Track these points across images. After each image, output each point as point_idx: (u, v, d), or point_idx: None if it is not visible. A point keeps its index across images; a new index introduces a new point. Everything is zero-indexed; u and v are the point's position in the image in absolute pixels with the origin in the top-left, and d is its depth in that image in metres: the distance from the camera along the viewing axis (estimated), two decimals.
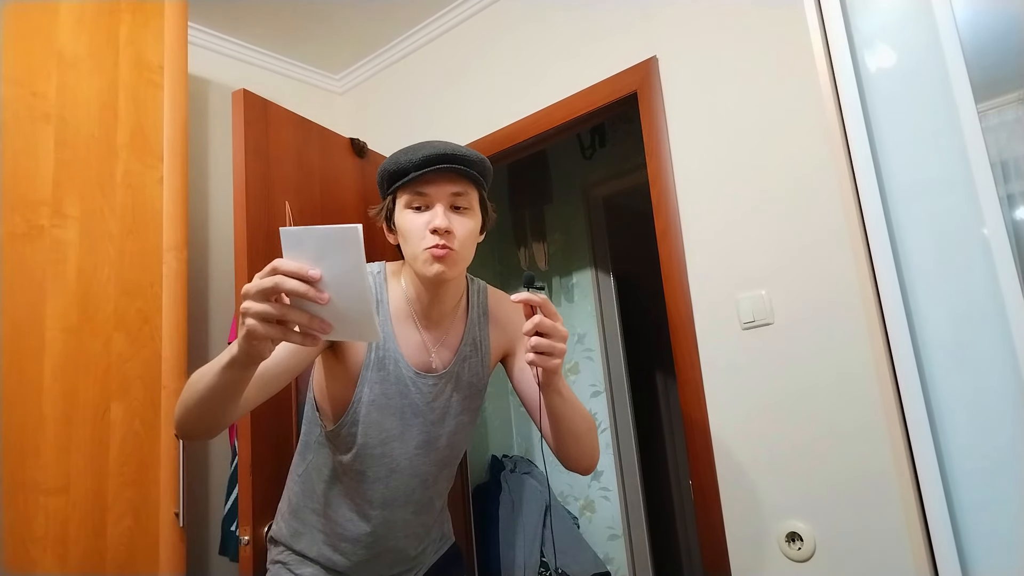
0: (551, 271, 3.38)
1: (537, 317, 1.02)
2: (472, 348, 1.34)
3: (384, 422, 1.26)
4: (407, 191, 1.19)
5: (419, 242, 1.17)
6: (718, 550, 1.71)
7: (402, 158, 1.19)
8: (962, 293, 1.24)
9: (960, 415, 1.23)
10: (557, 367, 1.07)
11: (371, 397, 1.24)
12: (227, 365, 0.92)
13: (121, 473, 1.73)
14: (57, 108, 1.76)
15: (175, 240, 1.92)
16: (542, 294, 1.04)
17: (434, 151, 1.16)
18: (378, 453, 1.27)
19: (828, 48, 1.41)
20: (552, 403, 1.16)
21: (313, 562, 1.35)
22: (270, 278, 0.82)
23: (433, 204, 1.17)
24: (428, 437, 1.30)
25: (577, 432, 1.21)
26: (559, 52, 2.22)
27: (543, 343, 1.02)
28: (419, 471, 1.31)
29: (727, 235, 1.78)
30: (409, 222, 1.19)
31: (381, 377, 1.25)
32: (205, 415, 1.01)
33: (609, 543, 3.02)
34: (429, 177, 1.17)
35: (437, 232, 1.15)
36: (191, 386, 1.01)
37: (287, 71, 2.82)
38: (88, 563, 1.64)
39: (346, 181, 2.32)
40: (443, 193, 1.17)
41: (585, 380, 3.20)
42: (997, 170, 1.24)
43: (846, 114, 1.37)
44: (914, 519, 1.25)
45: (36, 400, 1.61)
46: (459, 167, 1.17)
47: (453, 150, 1.17)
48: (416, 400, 1.28)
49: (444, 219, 1.15)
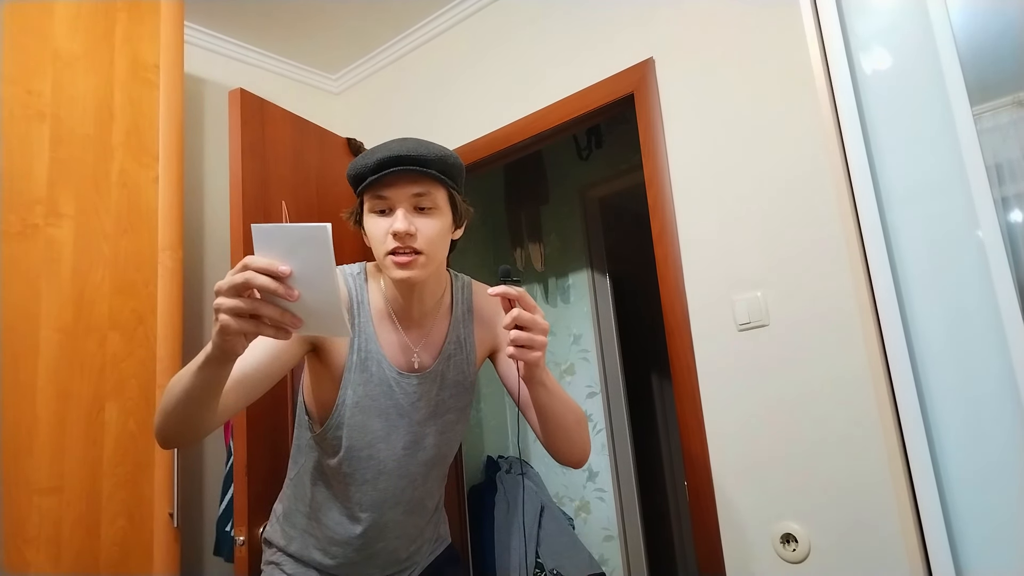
0: (547, 272, 3.38)
1: (516, 311, 1.02)
2: (456, 346, 1.33)
3: (369, 424, 1.25)
4: (368, 195, 1.18)
5: (381, 247, 1.16)
6: (713, 551, 1.71)
7: (360, 161, 1.17)
8: (957, 295, 1.25)
9: (955, 416, 1.23)
10: (539, 359, 1.06)
11: (355, 399, 1.24)
12: (203, 364, 0.92)
13: (115, 473, 1.72)
14: (52, 107, 1.75)
15: (170, 240, 1.92)
16: (519, 287, 1.04)
17: (388, 153, 1.13)
18: (364, 455, 1.26)
19: (824, 50, 1.42)
20: (538, 396, 1.15)
21: (306, 564, 1.35)
22: (241, 274, 0.83)
23: (395, 207, 1.15)
24: (414, 437, 1.30)
25: (565, 425, 1.20)
26: (556, 53, 2.22)
27: (522, 336, 1.02)
28: (407, 472, 1.30)
29: (723, 236, 1.79)
30: (373, 226, 1.17)
31: (364, 379, 1.24)
32: (184, 420, 1.00)
33: (604, 544, 3.02)
34: (388, 180, 1.14)
35: (397, 236, 1.13)
36: (169, 391, 1.00)
37: (284, 71, 2.82)
38: (82, 563, 1.63)
39: (343, 181, 2.32)
40: (403, 195, 1.15)
41: (581, 381, 3.20)
42: (992, 173, 1.24)
43: (842, 116, 1.37)
44: (908, 521, 1.25)
45: (30, 400, 1.61)
46: (415, 168, 1.14)
47: (409, 150, 1.14)
48: (401, 401, 1.27)
49: (404, 222, 1.13)
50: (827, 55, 1.41)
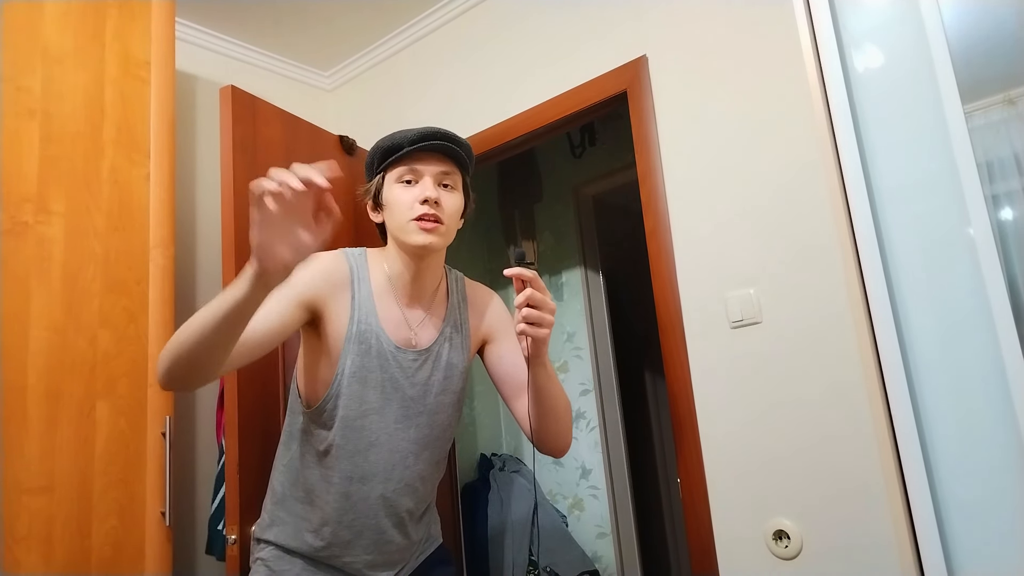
0: (541, 270, 3.38)
1: (528, 290, 1.10)
2: (454, 329, 1.40)
3: (365, 394, 1.29)
4: (400, 165, 1.29)
5: (408, 212, 1.26)
6: (706, 548, 1.71)
7: (397, 135, 1.30)
8: (948, 292, 1.25)
9: (947, 413, 1.24)
10: (546, 337, 1.15)
11: (352, 369, 1.28)
12: (234, 293, 0.94)
13: (106, 472, 1.71)
14: (42, 103, 1.74)
15: (162, 237, 1.91)
16: (533, 269, 1.12)
17: (428, 129, 1.29)
18: (357, 425, 1.30)
19: (817, 48, 1.42)
20: (538, 377, 1.24)
21: (294, 553, 1.36)
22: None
23: (422, 178, 1.28)
24: (407, 412, 1.33)
25: (557, 409, 1.29)
26: (549, 50, 2.22)
27: (533, 314, 1.11)
28: (398, 447, 1.33)
29: (716, 234, 1.79)
30: (398, 195, 1.28)
31: (362, 350, 1.29)
32: (199, 356, 1.02)
33: (597, 541, 3.03)
34: (420, 154, 1.28)
35: (428, 202, 1.24)
36: (187, 328, 1.02)
37: (276, 68, 2.81)
38: (73, 563, 1.62)
39: (335, 179, 2.31)
40: (433, 170, 1.28)
41: (574, 378, 3.20)
42: (983, 171, 1.25)
43: (834, 114, 1.38)
44: (900, 518, 1.26)
45: (20, 399, 1.59)
46: (451, 146, 1.29)
47: (445, 131, 1.30)
48: (396, 374, 1.31)
49: (434, 190, 1.26)
50: (819, 52, 1.41)
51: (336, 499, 1.32)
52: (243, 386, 1.81)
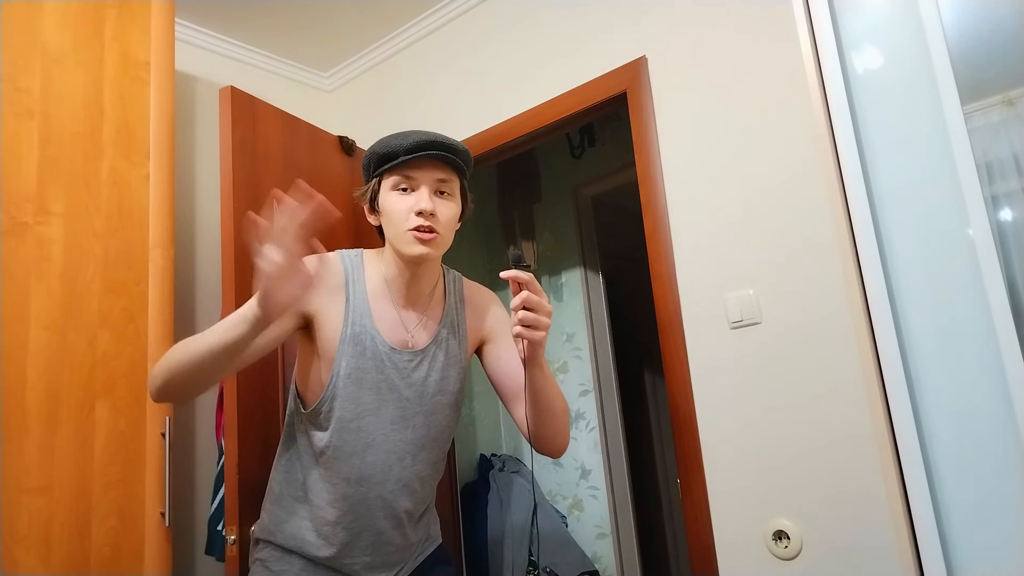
0: (540, 270, 3.38)
1: (524, 293, 1.11)
2: (451, 330, 1.40)
3: (360, 396, 1.29)
4: (395, 173, 1.27)
5: (403, 223, 1.24)
6: (705, 548, 1.71)
7: (392, 142, 1.27)
8: (947, 292, 1.26)
9: (947, 413, 1.24)
10: (542, 339, 1.15)
11: (347, 371, 1.28)
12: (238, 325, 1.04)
13: (106, 472, 1.71)
14: (41, 104, 1.74)
15: (161, 238, 1.91)
16: (529, 272, 1.12)
17: (424, 138, 1.25)
18: (354, 427, 1.30)
19: (816, 49, 1.42)
20: (535, 379, 1.24)
21: (293, 553, 1.35)
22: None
23: (418, 187, 1.26)
24: (403, 413, 1.33)
25: (554, 410, 1.29)
26: (548, 51, 2.22)
27: (529, 316, 1.11)
28: (395, 448, 1.33)
29: (715, 234, 1.79)
30: (394, 203, 1.26)
31: (357, 352, 1.29)
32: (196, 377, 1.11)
33: (597, 542, 3.03)
34: (417, 162, 1.25)
35: (423, 214, 1.23)
36: (183, 349, 1.10)
37: (275, 68, 2.80)
38: (72, 563, 1.62)
39: (334, 179, 2.32)
40: (429, 178, 1.26)
41: (574, 379, 3.20)
42: (982, 171, 1.25)
43: (834, 115, 1.38)
44: (900, 518, 1.26)
45: (19, 399, 1.59)
46: (446, 154, 1.26)
47: (442, 139, 1.27)
48: (391, 375, 1.31)
49: (430, 202, 1.24)
50: (819, 53, 1.41)
51: (334, 500, 1.32)
52: (243, 387, 1.81)
